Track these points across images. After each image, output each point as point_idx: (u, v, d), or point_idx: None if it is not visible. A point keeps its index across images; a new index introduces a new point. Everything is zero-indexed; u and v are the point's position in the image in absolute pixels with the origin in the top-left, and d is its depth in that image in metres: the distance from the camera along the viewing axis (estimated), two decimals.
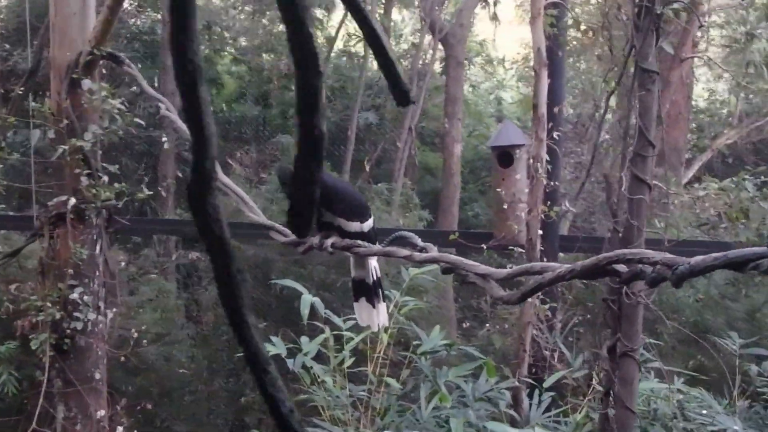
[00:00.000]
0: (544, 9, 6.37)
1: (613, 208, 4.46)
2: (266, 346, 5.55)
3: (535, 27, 6.32)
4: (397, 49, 15.70)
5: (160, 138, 10.23)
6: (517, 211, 6.92)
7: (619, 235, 4.21)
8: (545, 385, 6.00)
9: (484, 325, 9.58)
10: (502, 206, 7.05)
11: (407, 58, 14.59)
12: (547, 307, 6.54)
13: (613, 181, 4.91)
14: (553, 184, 6.88)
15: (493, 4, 13.38)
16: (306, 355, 5.44)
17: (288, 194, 3.09)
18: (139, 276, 10.18)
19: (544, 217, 6.50)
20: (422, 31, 13.58)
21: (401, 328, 5.99)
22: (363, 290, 3.31)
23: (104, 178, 5.66)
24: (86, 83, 5.57)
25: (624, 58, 4.32)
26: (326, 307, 5.80)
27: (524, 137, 7.31)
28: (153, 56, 12.95)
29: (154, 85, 10.82)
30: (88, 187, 5.55)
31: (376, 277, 3.31)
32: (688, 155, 12.30)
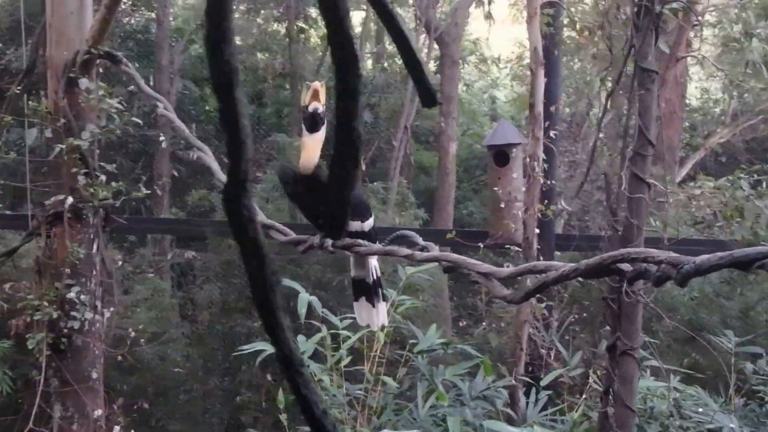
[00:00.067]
0: (541, 8, 6.40)
1: (613, 207, 4.47)
2: (262, 345, 5.56)
3: (531, 26, 6.35)
4: (392, 47, 15.67)
5: (156, 137, 10.20)
6: (513, 209, 6.94)
7: (618, 234, 4.22)
8: (542, 384, 6.02)
9: (480, 323, 9.58)
10: (499, 205, 7.06)
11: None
12: (543, 305, 6.56)
13: (612, 180, 4.93)
14: (550, 182, 6.90)
15: (488, 3, 13.37)
16: (303, 354, 5.44)
17: (290, 194, 3.09)
18: (135, 275, 10.16)
19: (540, 216, 6.52)
20: (417, 30, 13.58)
21: (398, 327, 5.99)
22: (363, 289, 3.30)
23: (102, 177, 5.64)
24: (83, 82, 5.54)
25: (623, 57, 4.33)
26: (323, 306, 5.79)
27: (520, 136, 7.33)
28: (147, 55, 12.92)
29: (150, 84, 10.79)
30: (85, 186, 5.52)
31: (376, 277, 3.30)
32: (682, 154, 12.34)
